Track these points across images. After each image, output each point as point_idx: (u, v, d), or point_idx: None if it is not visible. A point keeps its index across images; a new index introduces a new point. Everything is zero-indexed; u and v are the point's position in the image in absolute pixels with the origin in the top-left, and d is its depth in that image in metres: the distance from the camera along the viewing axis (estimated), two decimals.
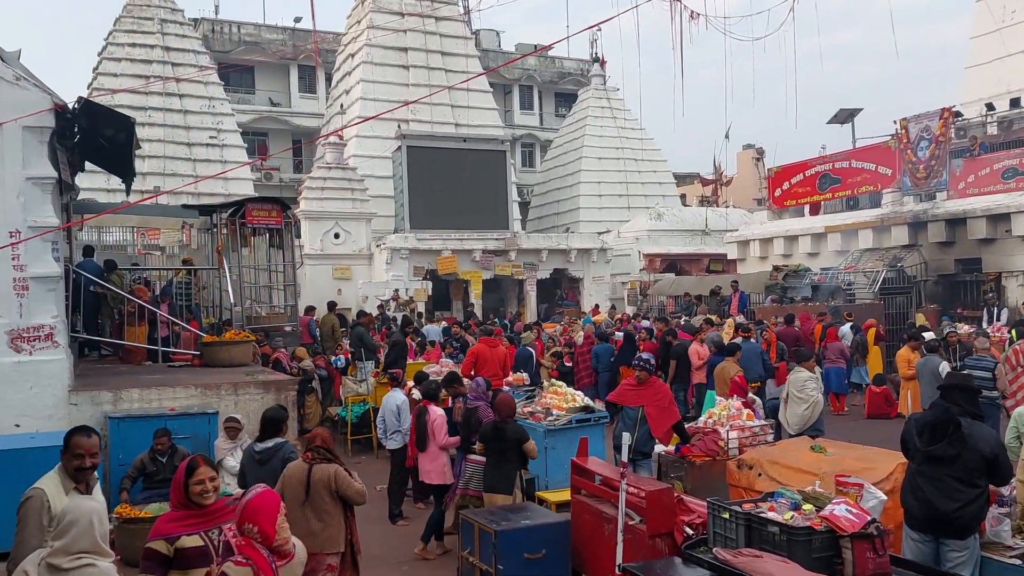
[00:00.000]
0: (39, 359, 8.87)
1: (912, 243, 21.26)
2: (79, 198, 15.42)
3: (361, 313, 16.24)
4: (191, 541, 3.74)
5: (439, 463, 7.87)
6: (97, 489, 4.32)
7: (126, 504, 7.60)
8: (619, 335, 15.92)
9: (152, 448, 8.02)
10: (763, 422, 8.52)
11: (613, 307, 26.27)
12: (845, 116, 27.14)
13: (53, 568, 3.20)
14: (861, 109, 27.11)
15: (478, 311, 25.93)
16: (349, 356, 14.55)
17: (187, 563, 3.71)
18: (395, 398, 9.15)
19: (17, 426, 8.67)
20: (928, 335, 12.94)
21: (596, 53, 38.65)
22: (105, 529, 3.37)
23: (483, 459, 7.08)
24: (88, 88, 26.98)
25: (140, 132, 11.53)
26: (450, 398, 8.90)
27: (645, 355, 8.40)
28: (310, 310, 17.45)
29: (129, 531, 7.07)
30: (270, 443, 6.08)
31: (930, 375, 10.40)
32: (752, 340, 12.85)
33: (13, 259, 8.77)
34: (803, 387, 9.10)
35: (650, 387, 7.82)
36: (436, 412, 8.04)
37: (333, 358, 14.34)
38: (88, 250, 13.41)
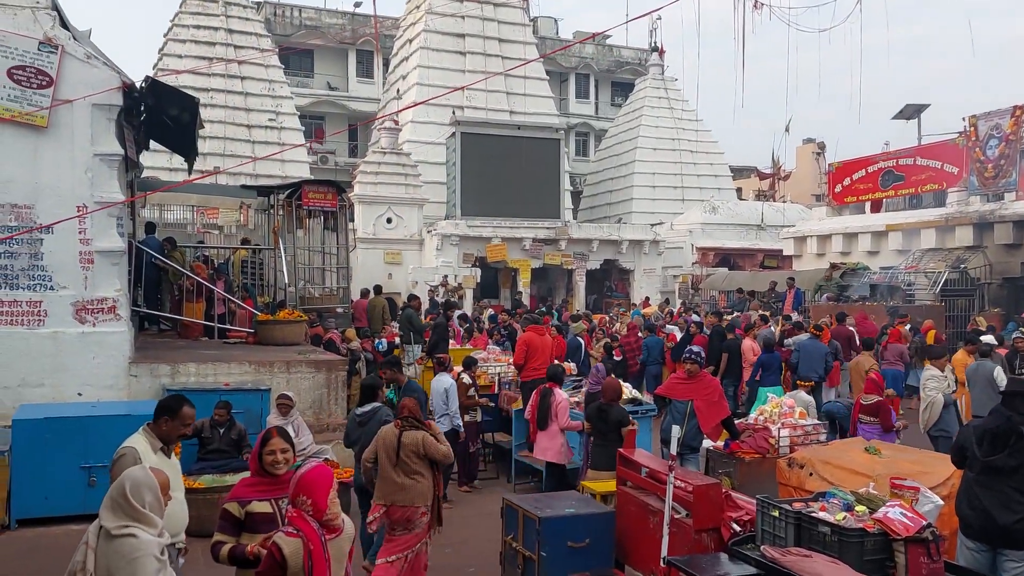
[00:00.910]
0: (102, 331, 9.19)
1: (977, 244, 20.62)
2: (143, 176, 15.84)
3: (412, 296, 16.35)
4: (260, 507, 3.99)
5: (557, 442, 8.27)
6: (173, 453, 4.56)
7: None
8: (670, 328, 15.74)
9: (212, 418, 8.26)
10: (816, 421, 8.36)
11: (667, 300, 26.00)
12: (911, 112, 26.43)
13: (105, 533, 3.28)
14: (928, 105, 26.39)
15: (526, 300, 25.93)
16: (395, 340, 14.66)
17: (255, 527, 3.93)
18: (443, 382, 9.22)
19: (79, 395, 8.99)
20: (987, 338, 12.49)
21: (655, 42, 38.09)
22: (153, 499, 3.34)
23: None
24: (154, 68, 27.59)
25: (202, 113, 11.77)
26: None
27: (695, 348, 8.32)
28: (366, 293, 17.65)
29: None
30: (368, 408, 7.03)
31: (983, 381, 9.99)
32: (819, 339, 12.64)
33: (80, 233, 9.08)
34: (924, 386, 8.96)
35: (700, 381, 7.74)
36: (560, 395, 8.43)
37: (376, 341, 14.45)
38: (150, 227, 13.78)
